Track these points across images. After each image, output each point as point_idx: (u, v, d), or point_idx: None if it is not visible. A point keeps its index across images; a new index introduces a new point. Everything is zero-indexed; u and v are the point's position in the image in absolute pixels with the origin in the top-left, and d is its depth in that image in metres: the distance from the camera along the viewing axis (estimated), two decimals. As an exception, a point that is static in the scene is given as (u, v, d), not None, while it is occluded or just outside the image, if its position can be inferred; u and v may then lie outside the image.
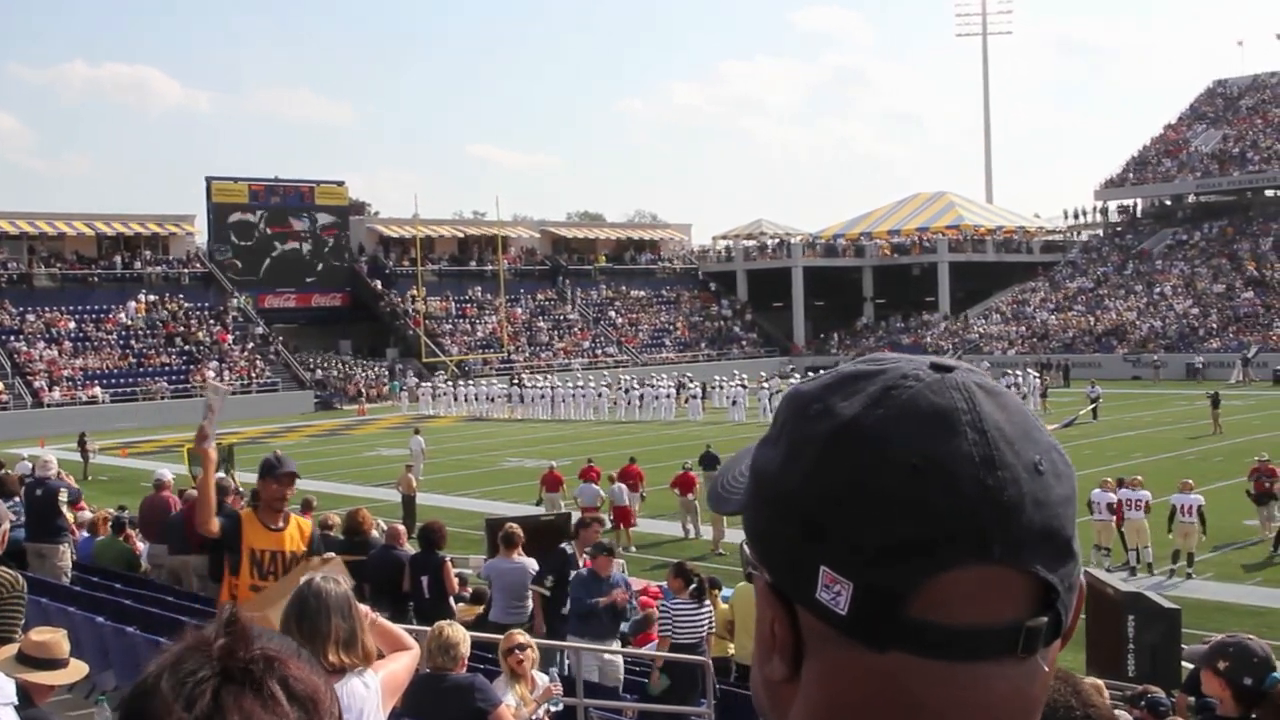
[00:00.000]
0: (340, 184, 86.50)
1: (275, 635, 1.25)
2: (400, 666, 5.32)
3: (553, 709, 9.55)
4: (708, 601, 13.81)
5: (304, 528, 9.12)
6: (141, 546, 18.62)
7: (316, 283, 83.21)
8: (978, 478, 1.02)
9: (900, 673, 1.03)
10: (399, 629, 5.76)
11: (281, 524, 8.98)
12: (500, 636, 9.74)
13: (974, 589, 1.02)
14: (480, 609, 15.19)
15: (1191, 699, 8.42)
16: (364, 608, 5.13)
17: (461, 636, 7.92)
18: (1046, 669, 1.07)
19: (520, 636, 9.30)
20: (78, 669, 5.87)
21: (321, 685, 1.24)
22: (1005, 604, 1.03)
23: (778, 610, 1.09)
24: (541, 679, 9.49)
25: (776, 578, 1.09)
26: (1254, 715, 5.02)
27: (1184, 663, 13.75)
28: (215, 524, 8.82)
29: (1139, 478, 25.01)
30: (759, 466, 1.12)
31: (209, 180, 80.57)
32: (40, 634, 5.76)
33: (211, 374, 63.53)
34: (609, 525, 27.98)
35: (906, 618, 1.02)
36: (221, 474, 23.49)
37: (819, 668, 1.08)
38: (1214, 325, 75.99)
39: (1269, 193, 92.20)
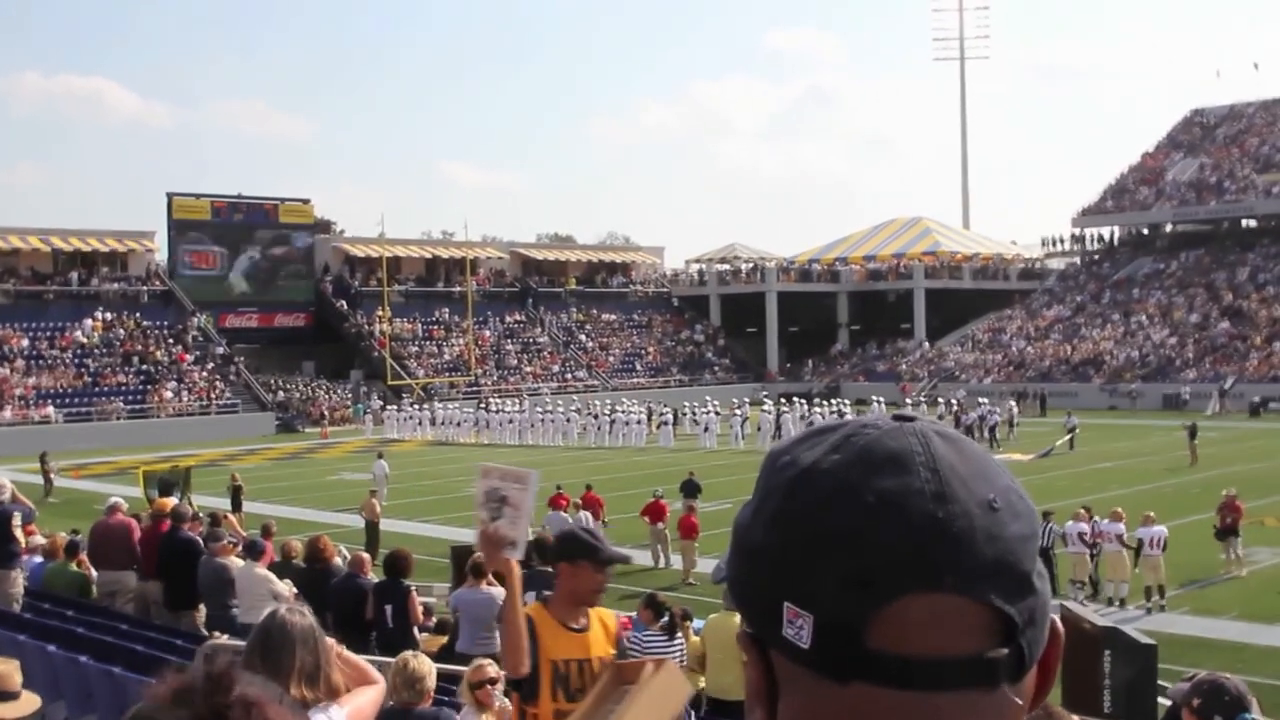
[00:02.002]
0: (305, 202, 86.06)
1: (255, 680, 1.26)
2: (366, 701, 5.11)
3: None
4: (679, 634, 13.56)
5: (608, 623, 6.60)
6: (93, 572, 17.86)
7: (279, 302, 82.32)
8: (928, 511, 1.07)
9: (864, 705, 1.07)
10: (364, 662, 5.57)
11: (584, 622, 6.45)
12: (464, 669, 9.25)
13: (929, 618, 1.06)
14: (445, 639, 14.50)
15: None
16: (330, 640, 5.01)
17: (428, 669, 7.77)
18: (1018, 703, 1.11)
19: (490, 670, 8.69)
20: (30, 701, 5.71)
21: None
22: (963, 635, 1.07)
23: (753, 656, 1.15)
24: (498, 698, 8.97)
25: (750, 623, 1.15)
26: None
27: (1161, 699, 13.65)
28: (527, 662, 6.04)
29: (1119, 510, 24.60)
30: (737, 521, 1.19)
31: (170, 196, 79.84)
32: None
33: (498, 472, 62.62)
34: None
35: (865, 649, 1.06)
36: (176, 499, 22.62)
37: (790, 706, 1.13)
38: (1190, 356, 75.82)
39: (1246, 222, 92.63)
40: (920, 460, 1.09)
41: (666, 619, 13.34)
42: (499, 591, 13.81)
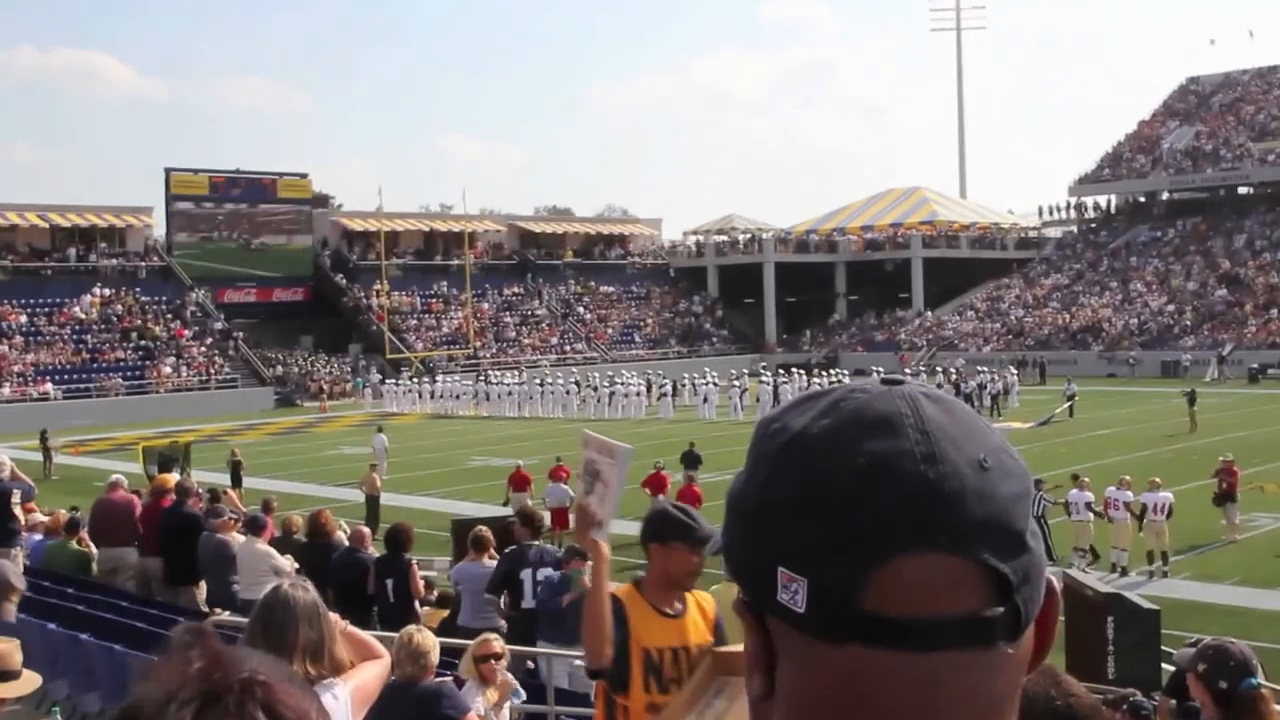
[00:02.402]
0: (303, 176, 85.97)
1: (263, 656, 1.22)
2: (370, 676, 5.09)
3: (515, 701, 9.29)
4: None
5: (705, 607, 5.99)
6: (94, 549, 17.86)
7: (277, 277, 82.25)
8: (919, 472, 1.07)
9: (860, 666, 1.07)
10: (369, 637, 5.53)
11: (679, 607, 5.88)
12: (469, 642, 9.39)
13: (923, 578, 1.06)
14: (445, 613, 14.55)
15: (1174, 702, 8.27)
16: (334, 616, 4.95)
17: (431, 644, 7.70)
18: (1013, 663, 1.10)
19: (496, 645, 8.90)
20: (30, 680, 5.67)
21: (312, 710, 1.21)
22: (958, 594, 1.07)
23: (751, 625, 1.15)
24: (500, 674, 9.11)
25: (746, 590, 1.15)
26: None
27: (1165, 665, 13.75)
28: (610, 650, 5.48)
29: (1127, 478, 24.68)
30: (731, 490, 1.19)
31: (168, 171, 79.59)
32: None
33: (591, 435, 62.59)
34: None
35: (860, 610, 1.06)
36: (177, 474, 22.63)
37: (787, 672, 1.13)
38: (1189, 323, 75.89)
39: (1242, 190, 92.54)
40: (910, 422, 1.09)
41: None
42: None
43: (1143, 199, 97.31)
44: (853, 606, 1.05)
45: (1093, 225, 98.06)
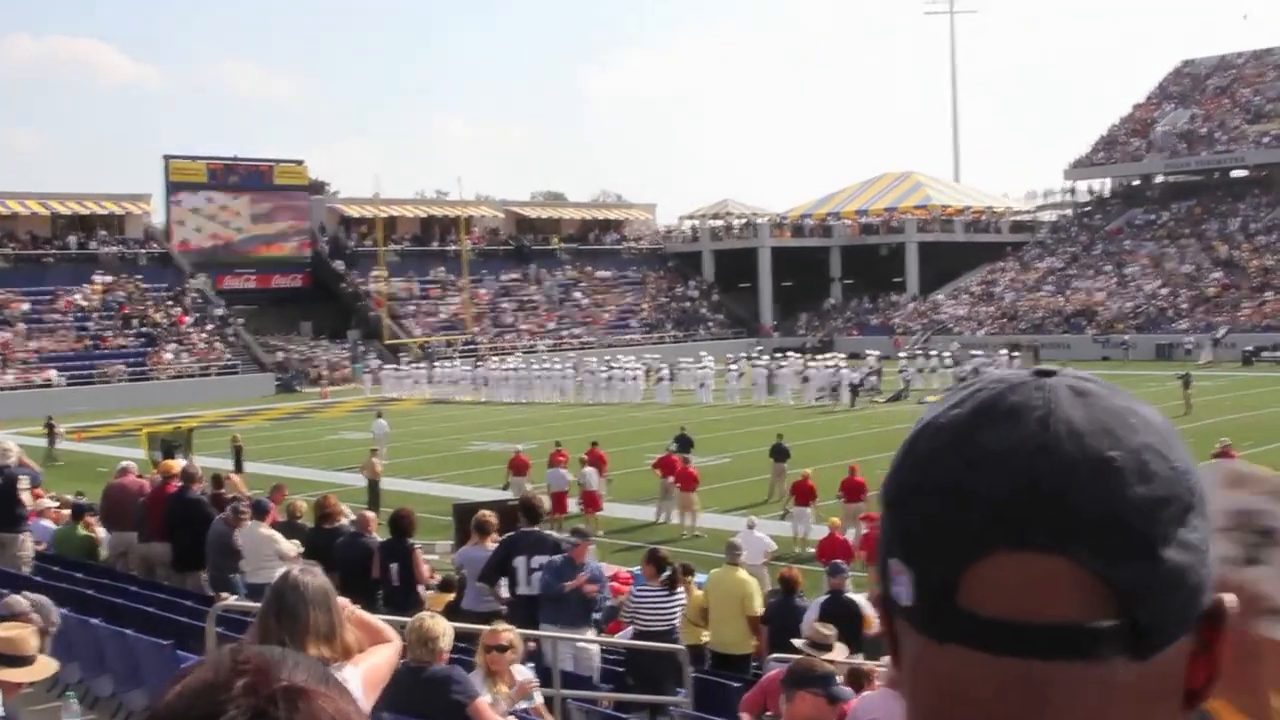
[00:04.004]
0: (300, 163, 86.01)
1: (302, 661, 1.19)
2: (381, 660, 5.07)
3: (529, 705, 9.11)
4: (680, 589, 13.64)
5: None
6: (102, 534, 18.08)
7: (276, 263, 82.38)
8: (1027, 465, 0.99)
9: (960, 667, 1.01)
10: (380, 622, 5.51)
11: None
12: (474, 626, 9.61)
13: (1019, 578, 0.98)
14: (449, 596, 14.76)
15: None
16: (343, 600, 4.96)
17: (443, 629, 7.80)
18: (1144, 688, 0.99)
19: (504, 637, 8.90)
20: (46, 665, 5.71)
21: (352, 711, 1.16)
22: (1059, 600, 0.97)
23: (882, 615, 1.10)
24: (520, 673, 9.08)
25: (879, 579, 1.10)
26: None
27: None
28: None
29: None
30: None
31: (166, 158, 79.70)
32: (7, 629, 5.60)
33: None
34: (575, 510, 27.63)
35: (957, 607, 1.00)
36: (182, 460, 22.89)
37: (905, 664, 1.08)
38: (1183, 306, 76.03)
39: (1236, 173, 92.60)
40: (1036, 414, 1.01)
41: (668, 574, 13.47)
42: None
43: (1137, 182, 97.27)
44: (949, 602, 1.00)
45: (1087, 209, 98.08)
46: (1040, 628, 0.97)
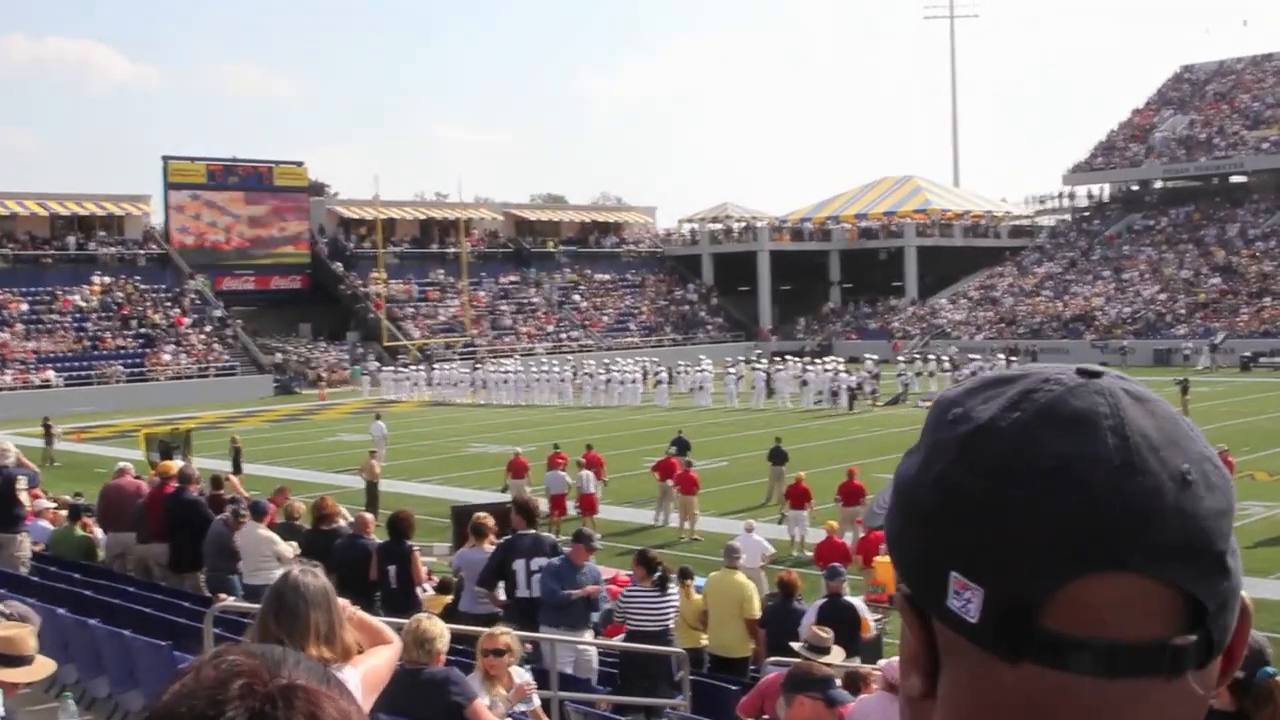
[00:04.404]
0: (299, 164, 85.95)
1: (302, 660, 1.18)
2: (381, 662, 5.10)
3: (527, 707, 9.09)
4: (672, 589, 13.61)
5: None
6: (99, 535, 18.06)
7: (276, 265, 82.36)
8: (1115, 483, 0.97)
9: (1033, 687, 0.99)
10: (380, 623, 5.55)
11: None
12: (472, 629, 9.66)
13: (1112, 600, 0.97)
14: (447, 598, 14.75)
15: None
16: (344, 601, 4.94)
17: (440, 631, 7.81)
18: (1200, 693, 1.01)
19: (502, 640, 8.86)
20: (44, 665, 5.67)
21: (353, 712, 1.16)
22: (1147, 619, 0.98)
23: (913, 623, 1.07)
24: (519, 675, 9.07)
25: (913, 588, 1.07)
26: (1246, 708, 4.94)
27: None
28: None
29: None
30: (900, 474, 1.11)
31: (165, 160, 79.67)
32: (5, 629, 5.58)
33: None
34: (573, 513, 27.61)
35: (1039, 627, 0.97)
36: (180, 461, 22.88)
37: (953, 682, 1.05)
38: (1181, 311, 76.04)
39: (1235, 178, 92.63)
40: (1108, 424, 0.99)
41: (659, 574, 13.43)
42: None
43: (1136, 188, 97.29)
44: (1032, 623, 0.97)
45: (1086, 214, 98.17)
46: (1128, 647, 0.97)
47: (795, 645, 10.31)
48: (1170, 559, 0.97)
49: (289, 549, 14.47)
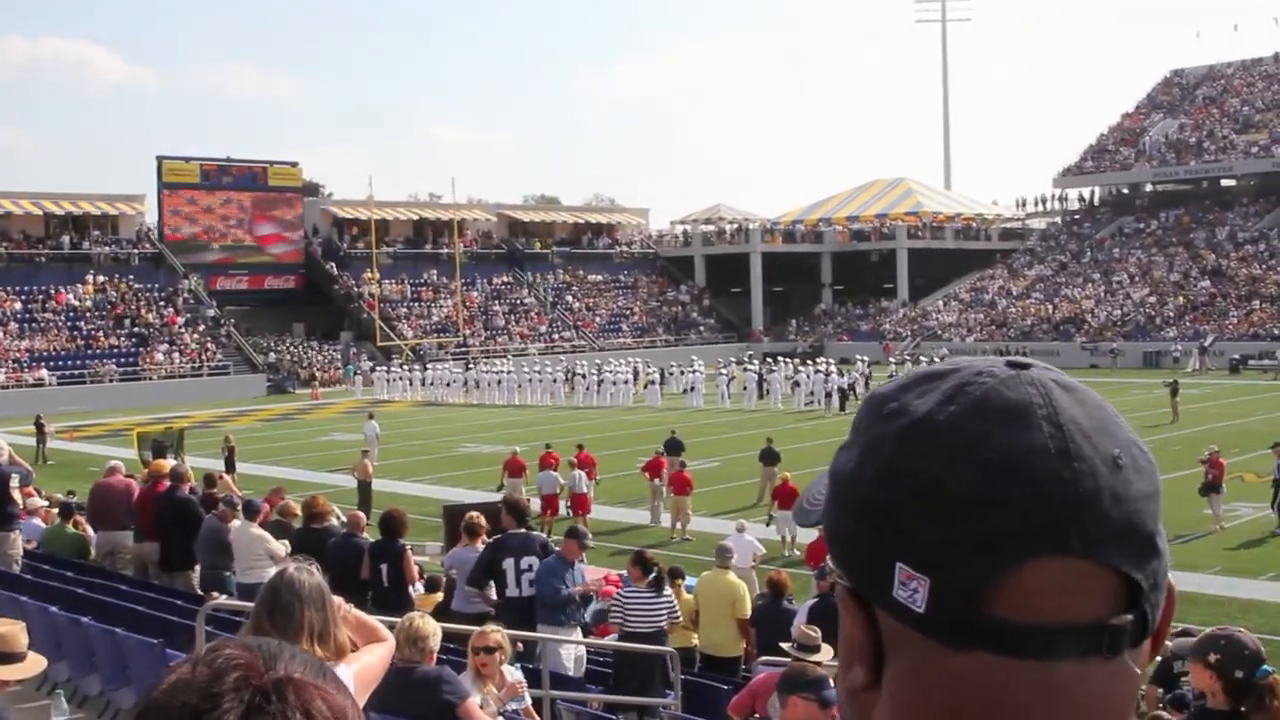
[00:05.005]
0: (294, 164, 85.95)
1: (298, 655, 1.17)
2: (374, 659, 5.08)
3: (518, 705, 9.13)
4: (667, 591, 13.65)
5: None
6: (91, 533, 18.10)
7: (269, 265, 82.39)
8: (1054, 470, 1.00)
9: (982, 673, 1.01)
10: (374, 621, 5.50)
11: None
12: (463, 627, 9.54)
13: (1054, 584, 1.00)
14: (436, 596, 14.84)
15: (1160, 690, 8.41)
16: (338, 599, 4.90)
17: (432, 630, 7.75)
18: (1137, 671, 1.05)
19: (492, 638, 8.89)
20: (36, 662, 5.67)
21: (349, 706, 1.17)
22: (1088, 601, 1.01)
23: (857, 615, 1.08)
24: (510, 674, 9.11)
25: (855, 580, 1.08)
26: (1243, 708, 5.04)
27: None
28: None
29: None
30: (836, 469, 1.12)
31: (160, 160, 79.65)
32: None
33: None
34: (565, 512, 27.70)
35: (985, 614, 1.00)
36: (172, 460, 22.90)
37: (899, 671, 1.06)
38: (1170, 314, 76.21)
39: (1225, 182, 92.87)
40: (1042, 414, 1.02)
41: (654, 575, 13.49)
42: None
43: (1126, 191, 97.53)
44: (979, 610, 1.00)
45: (1076, 217, 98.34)
46: (1072, 629, 1.00)
47: (785, 645, 10.41)
48: (1107, 541, 1.00)
49: (281, 547, 14.48)
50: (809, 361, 60.62)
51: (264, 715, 1.08)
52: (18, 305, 69.37)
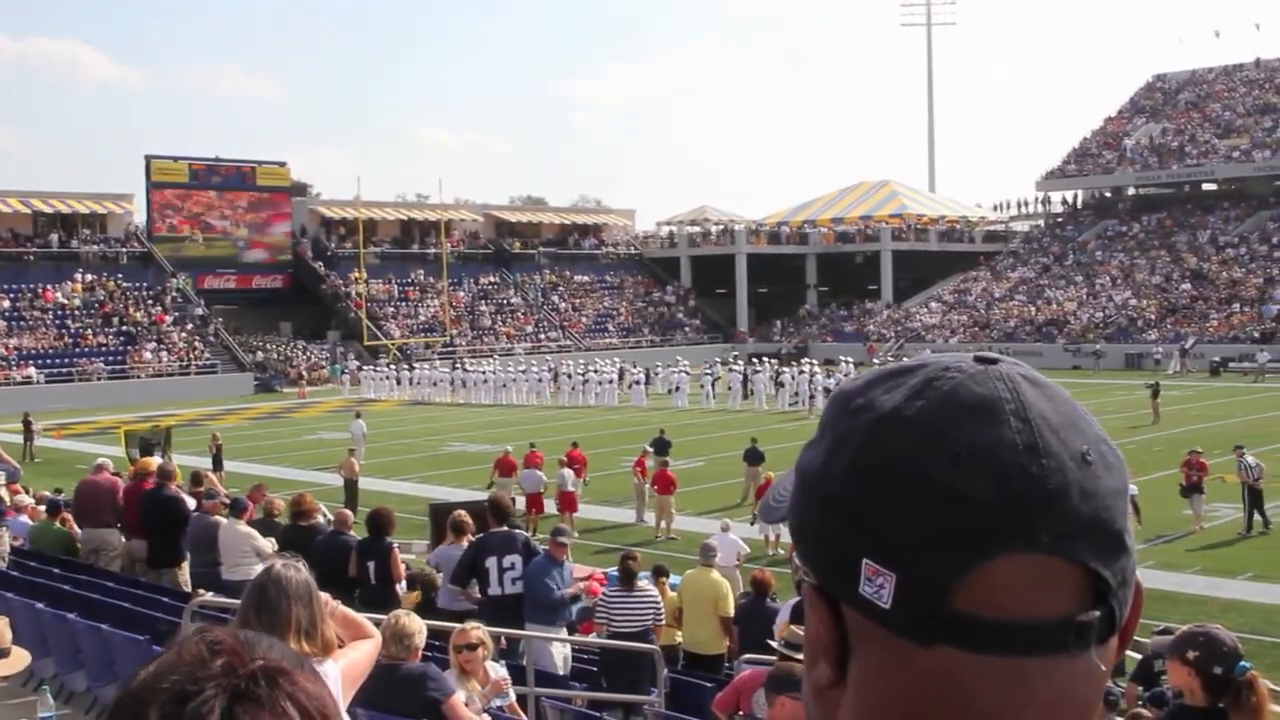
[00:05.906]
0: (282, 164, 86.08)
1: (275, 644, 1.16)
2: (361, 655, 5.14)
3: (502, 702, 9.23)
4: (651, 589, 13.76)
5: None
6: (78, 530, 18.21)
7: (257, 264, 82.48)
8: (1022, 465, 0.99)
9: (948, 669, 1.00)
10: (361, 617, 5.57)
11: None
12: (449, 625, 9.55)
13: (1021, 580, 0.99)
14: (418, 594, 14.91)
15: (1140, 688, 8.47)
16: (325, 596, 4.94)
17: (417, 627, 7.86)
18: (1103, 668, 1.03)
19: (473, 635, 8.98)
20: (20, 658, 5.74)
21: (328, 696, 1.16)
22: (1055, 597, 1.00)
23: (823, 612, 1.07)
24: (494, 670, 9.21)
25: (820, 576, 1.07)
26: (1221, 704, 5.06)
27: (1129, 652, 13.81)
28: None
29: None
30: (803, 466, 1.11)
31: (148, 159, 79.71)
32: None
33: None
34: (552, 511, 27.86)
35: (952, 610, 0.99)
36: (159, 458, 23.00)
37: (865, 667, 1.05)
38: (1152, 316, 76.50)
39: (1206, 186, 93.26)
40: (1010, 409, 1.02)
41: (627, 573, 13.61)
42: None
43: (1108, 194, 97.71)
44: (945, 606, 0.99)
45: (1059, 220, 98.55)
46: (1040, 625, 0.99)
47: (773, 643, 10.57)
48: (1075, 538, 1.00)
49: (268, 545, 14.55)
50: (793, 362, 60.82)
51: (251, 700, 1.10)
52: (6, 303, 69.28)
